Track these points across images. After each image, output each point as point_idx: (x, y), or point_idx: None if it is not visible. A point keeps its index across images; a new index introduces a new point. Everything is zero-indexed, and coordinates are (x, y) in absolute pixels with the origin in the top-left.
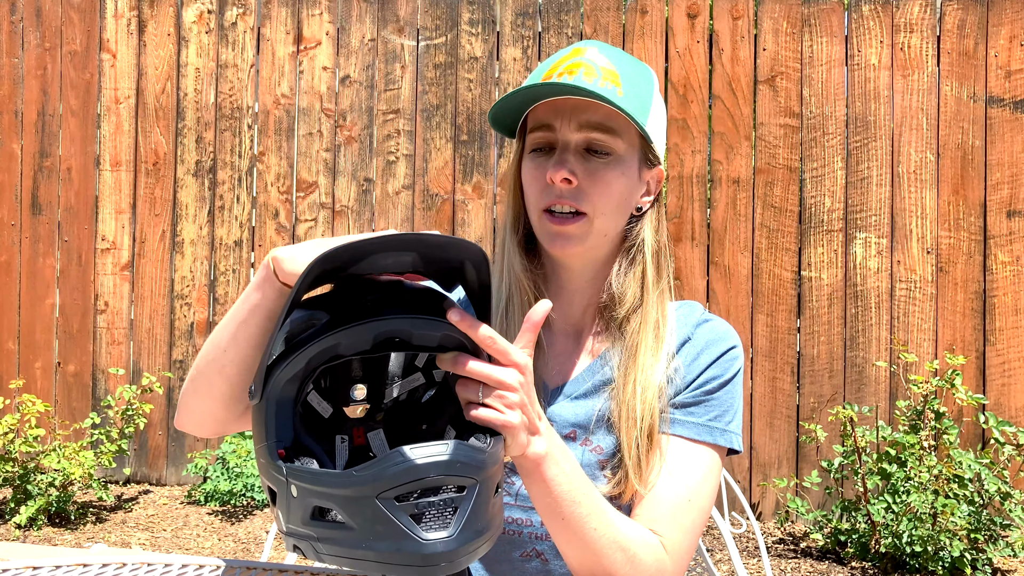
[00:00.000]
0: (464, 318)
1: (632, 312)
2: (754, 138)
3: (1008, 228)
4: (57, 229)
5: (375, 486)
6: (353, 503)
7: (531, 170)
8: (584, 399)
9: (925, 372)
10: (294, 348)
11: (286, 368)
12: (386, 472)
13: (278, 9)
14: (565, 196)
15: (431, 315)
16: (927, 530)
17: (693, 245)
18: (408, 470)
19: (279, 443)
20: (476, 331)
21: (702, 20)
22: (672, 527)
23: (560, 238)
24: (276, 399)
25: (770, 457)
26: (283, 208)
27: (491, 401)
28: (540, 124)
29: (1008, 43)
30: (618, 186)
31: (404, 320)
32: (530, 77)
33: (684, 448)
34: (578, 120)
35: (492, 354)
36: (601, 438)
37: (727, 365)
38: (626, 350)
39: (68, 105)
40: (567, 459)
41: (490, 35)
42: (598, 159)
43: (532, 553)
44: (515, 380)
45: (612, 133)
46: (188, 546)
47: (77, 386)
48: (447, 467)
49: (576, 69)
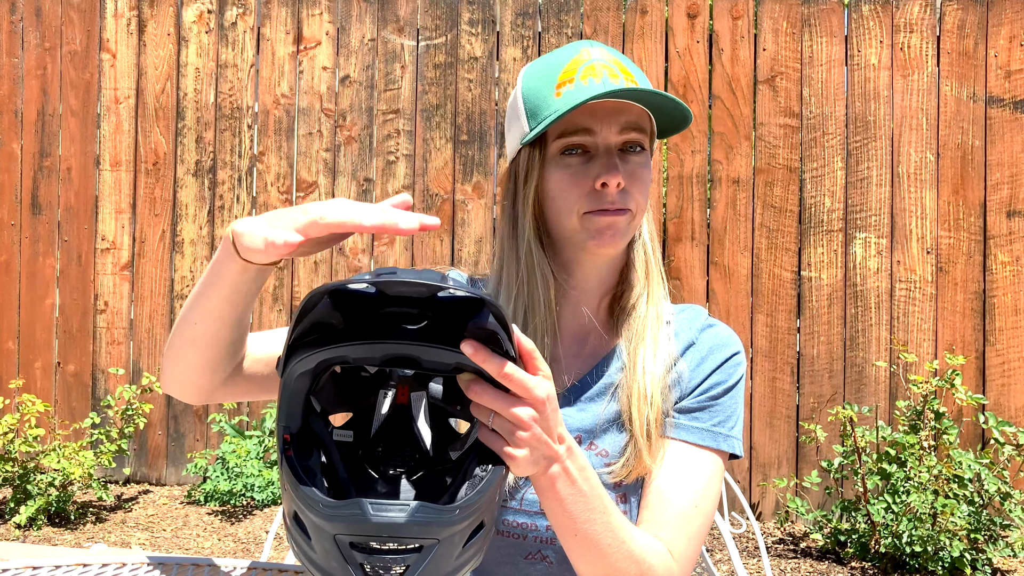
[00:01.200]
0: (479, 351)
1: (639, 298)
2: (754, 138)
3: (1008, 228)
4: (57, 229)
5: (333, 526)
6: (317, 530)
7: (567, 176)
8: (591, 403)
9: (925, 372)
10: (311, 344)
11: (301, 362)
12: (344, 518)
13: (278, 9)
14: (615, 201)
15: (446, 342)
16: (927, 530)
17: (693, 245)
18: (362, 524)
19: (286, 428)
20: (492, 367)
21: (702, 20)
22: (679, 534)
23: (610, 231)
24: (291, 386)
25: (770, 457)
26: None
27: (502, 431)
28: (574, 129)
29: (1008, 43)
30: (648, 182)
31: (414, 347)
32: (533, 80)
33: (689, 453)
34: (619, 123)
35: (512, 389)
36: (607, 441)
37: (731, 371)
38: (634, 336)
39: (68, 105)
40: (584, 478)
41: (490, 35)
42: (634, 157)
43: (538, 556)
44: (529, 416)
45: (643, 131)
46: (188, 546)
47: (77, 386)
48: (399, 529)
49: (598, 71)
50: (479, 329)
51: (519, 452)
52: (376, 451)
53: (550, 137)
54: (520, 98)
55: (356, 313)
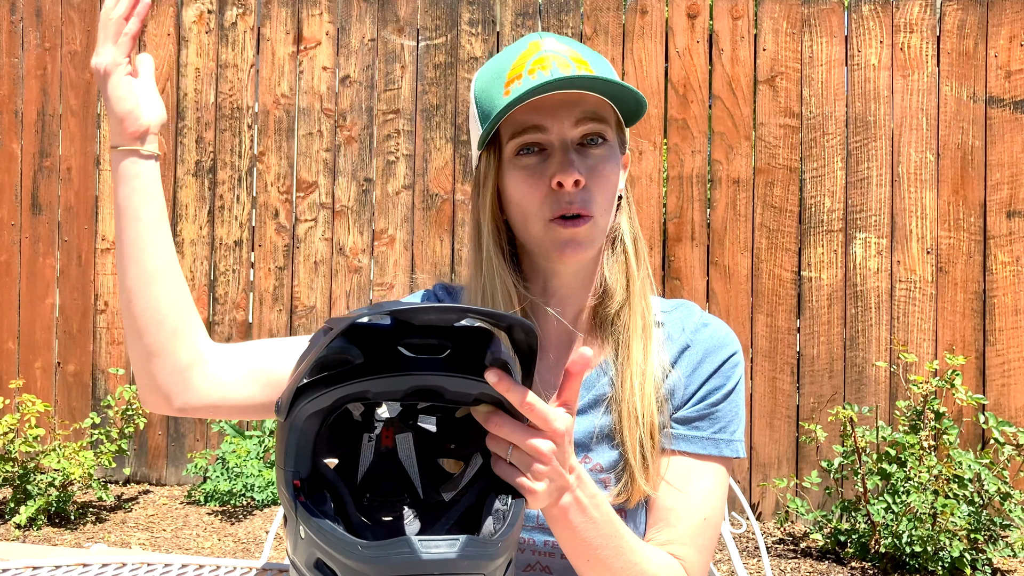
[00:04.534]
0: (502, 380)
1: (621, 306)
2: (754, 138)
3: (1008, 228)
4: (57, 229)
5: (377, 567)
6: (354, 574)
7: (524, 179)
8: (583, 416)
9: (925, 372)
10: (324, 383)
11: (313, 401)
12: (390, 558)
13: (278, 9)
14: (575, 202)
15: (470, 372)
16: (927, 530)
17: (693, 245)
18: (411, 563)
19: (295, 473)
20: (515, 396)
21: (702, 20)
22: (692, 548)
23: (572, 244)
24: (299, 428)
25: (770, 457)
26: (283, 208)
27: (520, 465)
28: (524, 127)
29: (1008, 43)
30: (613, 178)
31: (439, 377)
32: (484, 81)
33: (692, 466)
34: (574, 115)
35: (530, 418)
36: (600, 455)
37: (729, 374)
38: (621, 347)
39: (68, 105)
40: (595, 505)
41: (490, 35)
42: (595, 150)
43: (537, 568)
44: (549, 449)
45: (603, 121)
46: (188, 546)
47: (77, 386)
48: (451, 565)
49: (547, 62)
50: (496, 358)
51: (538, 486)
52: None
53: (504, 138)
54: (473, 101)
55: (374, 347)
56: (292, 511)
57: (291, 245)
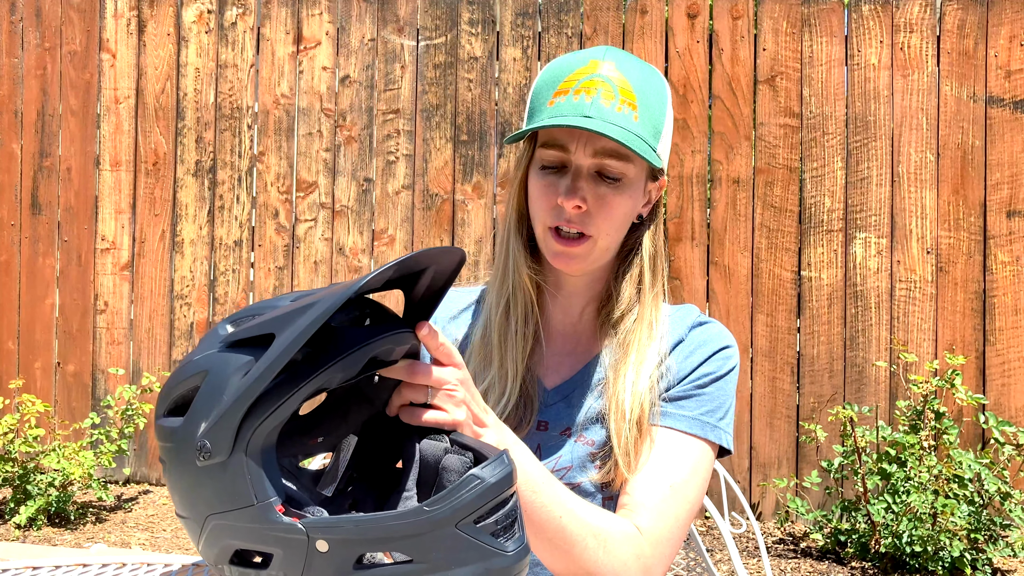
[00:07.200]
0: (428, 328)
1: (627, 312)
2: (754, 138)
3: (1008, 228)
4: (57, 229)
5: (454, 515)
6: (427, 539)
7: (541, 186)
8: (579, 399)
9: (925, 372)
10: (275, 394)
11: (272, 416)
12: (466, 499)
13: (278, 9)
14: (574, 220)
15: (404, 327)
16: (927, 530)
17: (693, 245)
18: (487, 491)
19: (274, 500)
20: (434, 340)
21: (702, 20)
22: (650, 513)
23: (563, 256)
24: (260, 450)
25: (770, 457)
26: (283, 208)
27: (438, 402)
28: (554, 142)
29: (1008, 43)
30: (623, 209)
31: (390, 337)
32: (545, 79)
33: (673, 439)
34: (593, 147)
35: (438, 356)
36: (593, 432)
37: (720, 362)
38: (619, 346)
39: (68, 105)
40: (520, 451)
41: (490, 35)
42: (608, 185)
43: None
44: (456, 378)
45: (625, 159)
46: (188, 546)
47: (77, 386)
48: (512, 478)
49: (593, 88)
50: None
51: (459, 414)
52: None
53: (538, 140)
54: (531, 90)
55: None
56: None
57: (291, 245)
